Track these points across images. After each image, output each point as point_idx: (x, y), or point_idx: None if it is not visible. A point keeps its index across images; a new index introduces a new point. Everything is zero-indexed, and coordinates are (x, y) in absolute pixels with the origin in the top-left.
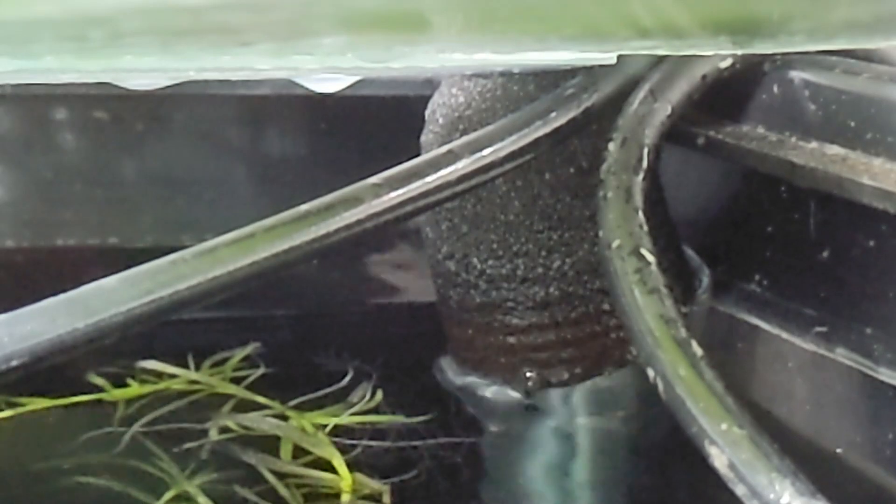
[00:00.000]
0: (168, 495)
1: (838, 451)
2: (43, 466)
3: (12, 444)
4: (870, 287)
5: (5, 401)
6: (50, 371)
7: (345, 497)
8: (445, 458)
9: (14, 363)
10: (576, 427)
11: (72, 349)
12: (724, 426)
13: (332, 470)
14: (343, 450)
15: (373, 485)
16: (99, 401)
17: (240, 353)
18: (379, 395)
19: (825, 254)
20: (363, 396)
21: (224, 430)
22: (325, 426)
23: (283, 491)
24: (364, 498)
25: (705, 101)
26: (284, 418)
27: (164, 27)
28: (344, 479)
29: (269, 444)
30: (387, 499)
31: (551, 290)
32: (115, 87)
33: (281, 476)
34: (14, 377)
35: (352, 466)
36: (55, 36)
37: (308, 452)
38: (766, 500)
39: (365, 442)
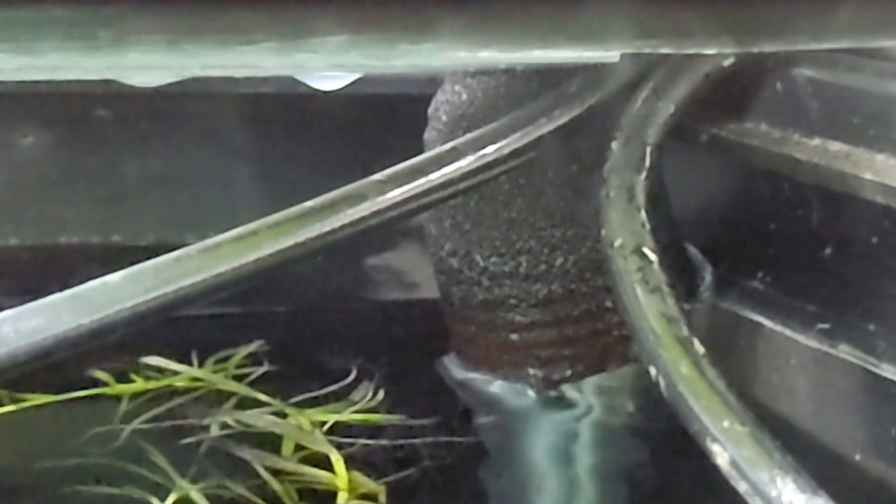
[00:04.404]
0: (168, 494)
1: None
2: (45, 461)
3: (15, 439)
4: (873, 283)
5: (8, 396)
6: (53, 366)
7: (341, 495)
8: (445, 456)
9: (19, 359)
10: (577, 425)
11: (76, 345)
12: (726, 423)
13: (330, 468)
14: (341, 448)
15: (370, 484)
16: (102, 396)
17: (243, 351)
18: (381, 393)
19: (828, 250)
20: (365, 395)
21: (225, 426)
22: (325, 424)
23: (277, 488)
24: (360, 497)
25: (708, 98)
26: (284, 416)
27: (170, 26)
28: (340, 477)
29: (269, 442)
30: (382, 498)
31: (554, 287)
32: (118, 84)
33: (277, 473)
34: (19, 373)
35: (350, 464)
36: (62, 34)
37: (306, 450)
38: (768, 497)
39: (364, 440)
